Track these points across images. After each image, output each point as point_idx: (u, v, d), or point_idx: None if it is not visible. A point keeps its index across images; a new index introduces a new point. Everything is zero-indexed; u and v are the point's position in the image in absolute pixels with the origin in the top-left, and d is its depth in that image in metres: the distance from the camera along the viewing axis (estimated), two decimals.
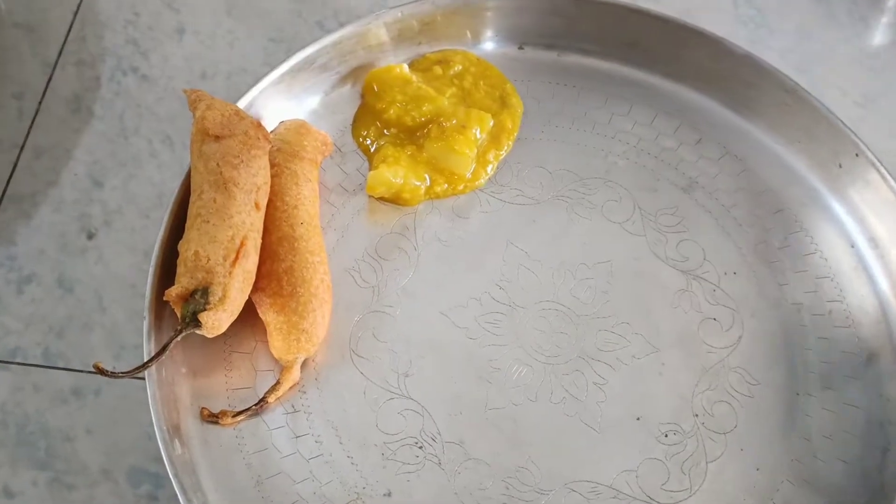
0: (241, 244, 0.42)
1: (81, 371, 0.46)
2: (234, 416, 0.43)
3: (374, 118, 0.52)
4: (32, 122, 0.53)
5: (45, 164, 0.52)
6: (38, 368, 0.46)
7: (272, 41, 0.57)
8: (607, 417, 0.45)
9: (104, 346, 0.47)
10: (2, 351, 0.46)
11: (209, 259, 0.41)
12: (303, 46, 0.51)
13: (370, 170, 0.51)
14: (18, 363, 0.46)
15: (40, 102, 0.54)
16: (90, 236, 0.50)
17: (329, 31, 0.52)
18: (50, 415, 0.45)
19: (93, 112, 0.54)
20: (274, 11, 0.58)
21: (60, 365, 0.46)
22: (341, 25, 0.53)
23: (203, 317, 0.41)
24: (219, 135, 0.44)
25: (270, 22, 0.58)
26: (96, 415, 0.45)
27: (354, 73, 0.54)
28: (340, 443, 0.44)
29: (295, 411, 0.44)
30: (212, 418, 0.43)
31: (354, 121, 0.53)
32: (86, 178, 0.51)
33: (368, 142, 0.52)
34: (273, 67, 0.50)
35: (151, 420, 0.41)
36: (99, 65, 0.55)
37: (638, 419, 0.45)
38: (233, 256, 0.42)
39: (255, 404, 0.43)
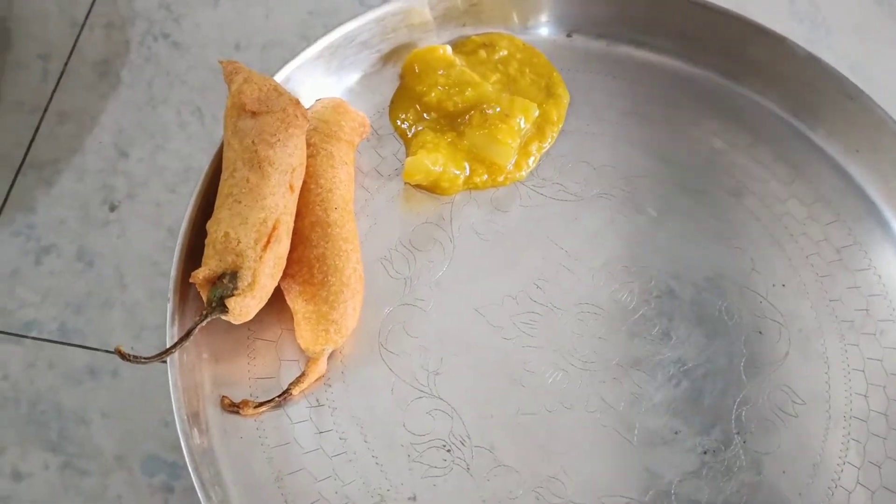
0: (274, 227, 0.40)
1: (98, 350, 0.44)
2: (256, 406, 0.41)
3: (414, 101, 0.50)
4: (57, 85, 0.50)
5: (68, 130, 0.49)
6: (54, 344, 0.44)
7: (310, 14, 0.55)
8: (645, 429, 0.43)
9: (123, 326, 0.45)
10: (16, 323, 0.44)
11: (240, 242, 0.39)
12: (341, 21, 0.48)
13: (407, 155, 0.48)
14: (33, 337, 0.44)
15: (66, 64, 0.51)
16: (113, 208, 0.48)
17: (370, 7, 0.50)
18: (64, 394, 0.43)
19: (120, 78, 0.51)
20: None
21: (77, 342, 0.44)
22: (384, 1, 0.51)
23: (230, 302, 0.39)
24: (256, 111, 0.42)
25: None
26: (112, 397, 0.43)
27: (395, 53, 0.51)
28: (365, 441, 0.42)
29: (319, 405, 0.42)
30: (233, 408, 0.41)
31: (392, 102, 0.51)
32: (111, 147, 0.49)
33: (406, 125, 0.50)
34: (310, 41, 0.47)
35: (169, 406, 0.39)
36: (129, 28, 0.53)
37: (676, 433, 0.43)
38: (264, 240, 0.40)
39: (279, 396, 0.41)
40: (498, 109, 0.49)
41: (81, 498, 0.41)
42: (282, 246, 0.41)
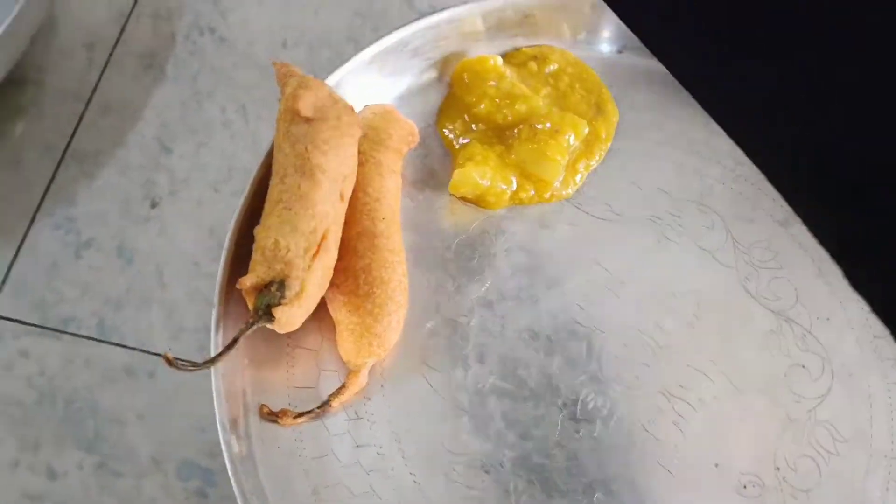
0: (324, 237, 0.39)
1: (136, 349, 0.43)
2: (295, 416, 0.40)
3: (463, 111, 0.49)
4: (101, 75, 0.50)
5: (111, 122, 0.49)
6: (91, 341, 0.43)
7: (358, 15, 0.54)
8: (684, 460, 0.42)
9: (162, 326, 0.44)
10: (55, 318, 0.44)
11: (289, 250, 0.39)
12: (388, 23, 0.48)
13: (453, 166, 0.48)
14: (71, 333, 0.44)
15: (110, 55, 0.50)
16: (154, 205, 0.47)
17: (419, 11, 0.49)
18: (100, 393, 0.42)
19: (165, 71, 0.50)
20: None
21: (115, 340, 0.44)
22: (431, 7, 0.50)
23: (277, 311, 0.38)
24: (310, 117, 0.41)
25: None
26: (149, 399, 0.43)
27: (445, 60, 0.51)
28: (403, 457, 0.41)
29: (358, 418, 0.42)
30: (271, 417, 0.41)
31: (440, 111, 0.50)
32: (154, 142, 0.48)
33: (453, 135, 0.49)
34: (358, 43, 0.47)
35: (205, 410, 0.39)
36: (175, 20, 0.52)
37: (716, 465, 0.42)
38: (314, 249, 0.39)
39: (318, 407, 0.41)
40: (548, 125, 0.48)
41: (115, 499, 0.41)
42: (330, 256, 0.40)
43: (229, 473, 0.37)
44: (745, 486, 0.42)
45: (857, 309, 0.46)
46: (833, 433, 0.43)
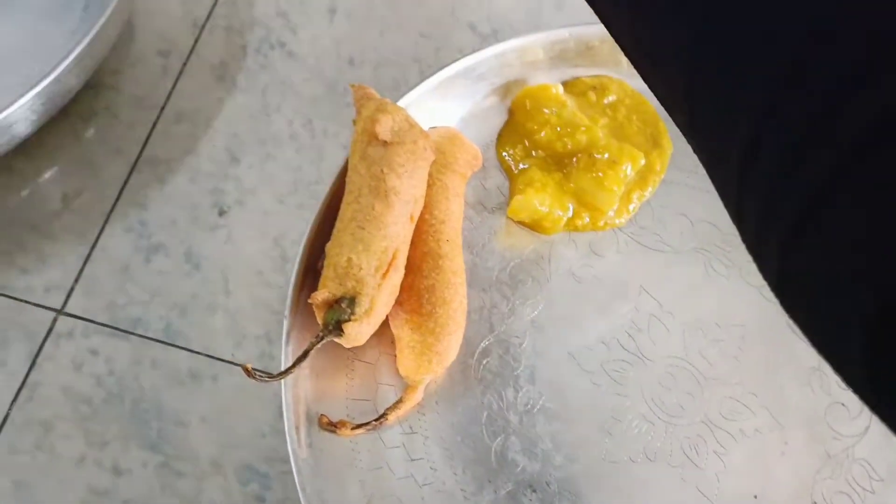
0: (394, 257, 0.41)
1: (201, 354, 0.45)
2: (353, 428, 0.42)
3: (523, 137, 0.51)
4: (175, 84, 0.51)
5: (184, 130, 0.50)
6: (158, 344, 0.45)
7: (423, 36, 0.55)
8: (724, 490, 0.44)
9: (226, 332, 0.46)
10: (125, 320, 0.45)
11: (361, 268, 0.40)
12: (451, 44, 0.49)
13: (512, 190, 0.49)
14: (139, 335, 0.45)
15: (185, 64, 0.52)
16: (222, 213, 0.48)
17: (480, 34, 0.50)
18: (166, 395, 0.44)
19: (236, 83, 0.52)
20: (428, 4, 0.56)
21: (181, 344, 0.45)
22: (492, 30, 0.51)
23: (347, 327, 0.40)
24: (388, 140, 0.42)
25: (423, 14, 0.56)
26: (212, 402, 0.44)
27: (505, 87, 0.52)
28: (454, 473, 0.43)
29: (412, 433, 0.43)
30: (330, 427, 0.42)
31: (500, 136, 0.51)
32: (223, 151, 0.50)
33: (512, 161, 0.50)
34: (422, 64, 0.48)
35: (266, 416, 0.40)
36: (247, 33, 0.53)
37: (755, 497, 0.44)
38: (384, 269, 0.40)
39: (376, 419, 0.42)
40: (606, 155, 0.49)
41: (177, 499, 0.42)
42: (398, 275, 0.42)
43: (295, 480, 0.39)
44: None
45: None
46: (869, 471, 0.45)
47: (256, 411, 0.44)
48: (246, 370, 0.37)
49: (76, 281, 0.46)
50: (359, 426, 0.42)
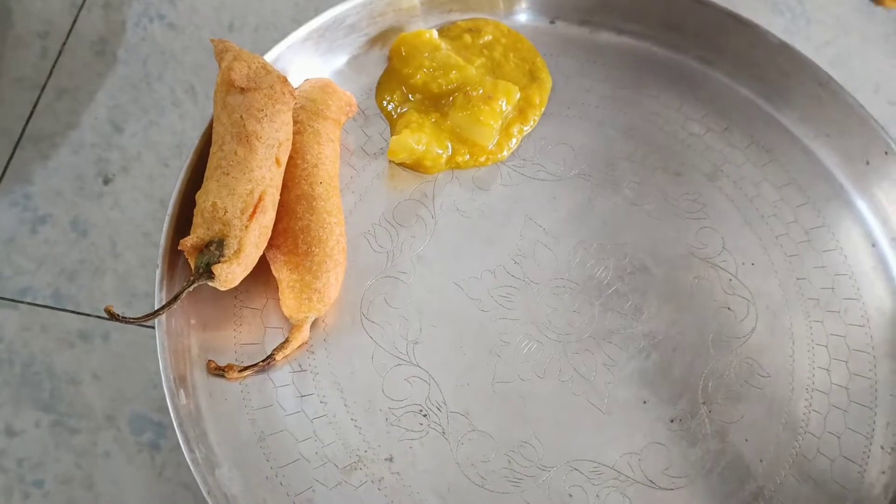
0: (260, 199, 0.42)
1: (90, 315, 0.46)
2: (240, 370, 0.43)
3: (400, 83, 0.52)
4: (55, 63, 0.52)
5: (66, 106, 0.51)
6: (47, 310, 0.46)
7: None
8: (614, 399, 0.45)
9: (115, 293, 0.46)
10: (12, 289, 0.46)
11: (226, 211, 0.41)
12: (331, 4, 0.50)
13: (392, 135, 0.50)
14: (28, 303, 0.46)
15: (64, 43, 0.53)
16: (107, 181, 0.49)
17: None
18: (56, 357, 0.45)
19: (116, 56, 0.53)
20: None
21: (70, 308, 0.46)
22: None
23: (217, 269, 0.40)
24: (244, 87, 0.43)
25: None
26: (103, 360, 0.45)
27: (383, 36, 0.53)
28: (345, 405, 0.43)
29: (302, 370, 0.44)
30: (218, 371, 0.43)
31: (379, 84, 0.52)
32: (106, 123, 0.51)
33: (392, 106, 0.51)
34: (302, 24, 0.49)
35: (157, 369, 0.41)
36: (125, 9, 0.54)
37: (645, 402, 0.45)
38: (250, 210, 0.41)
39: (263, 360, 0.43)
40: (481, 92, 0.50)
41: (72, 454, 0.43)
42: (267, 216, 0.42)
43: (174, 423, 0.39)
44: (671, 420, 0.44)
45: (780, 254, 0.49)
46: (757, 369, 0.46)
47: (148, 364, 0.45)
48: (109, 312, 0.38)
49: None
50: (246, 368, 0.43)
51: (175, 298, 0.40)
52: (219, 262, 0.41)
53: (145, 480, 0.43)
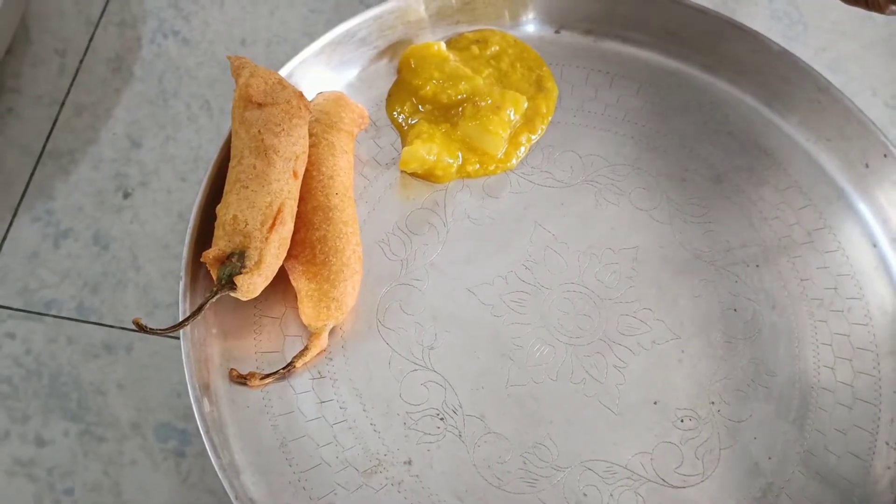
0: (279, 211, 0.43)
1: (114, 327, 0.47)
2: (261, 378, 0.44)
3: (410, 94, 0.53)
4: (73, 80, 0.53)
5: (84, 122, 0.52)
6: (72, 322, 0.47)
7: (312, 12, 0.58)
8: (625, 400, 0.46)
9: (137, 304, 0.48)
10: (37, 303, 0.47)
11: (247, 223, 0.42)
12: (342, 18, 0.51)
13: (404, 145, 0.51)
14: (53, 315, 0.47)
15: (81, 61, 0.54)
16: (126, 195, 0.51)
17: (369, 6, 0.53)
18: (83, 368, 0.46)
19: (133, 73, 0.54)
20: None
21: (94, 320, 0.47)
22: (379, 2, 0.54)
23: (239, 279, 0.42)
24: (262, 102, 0.44)
25: None
26: (127, 370, 0.46)
27: (392, 49, 0.54)
28: (364, 410, 0.45)
29: (321, 377, 0.45)
30: (240, 379, 0.44)
31: (389, 96, 0.54)
32: (124, 138, 0.52)
33: (402, 117, 0.53)
34: (313, 38, 0.50)
35: (180, 378, 0.42)
36: (140, 26, 0.56)
37: (655, 403, 0.46)
38: (270, 222, 0.43)
39: (283, 368, 0.44)
40: (489, 102, 0.52)
41: (99, 462, 0.44)
42: (286, 228, 0.44)
43: (200, 430, 0.41)
44: (681, 420, 0.45)
45: (784, 255, 0.50)
46: (763, 368, 0.47)
47: (171, 374, 0.46)
48: (137, 324, 0.39)
49: None
50: (267, 376, 0.44)
51: (199, 309, 0.42)
52: (241, 273, 0.42)
53: (171, 487, 0.44)
